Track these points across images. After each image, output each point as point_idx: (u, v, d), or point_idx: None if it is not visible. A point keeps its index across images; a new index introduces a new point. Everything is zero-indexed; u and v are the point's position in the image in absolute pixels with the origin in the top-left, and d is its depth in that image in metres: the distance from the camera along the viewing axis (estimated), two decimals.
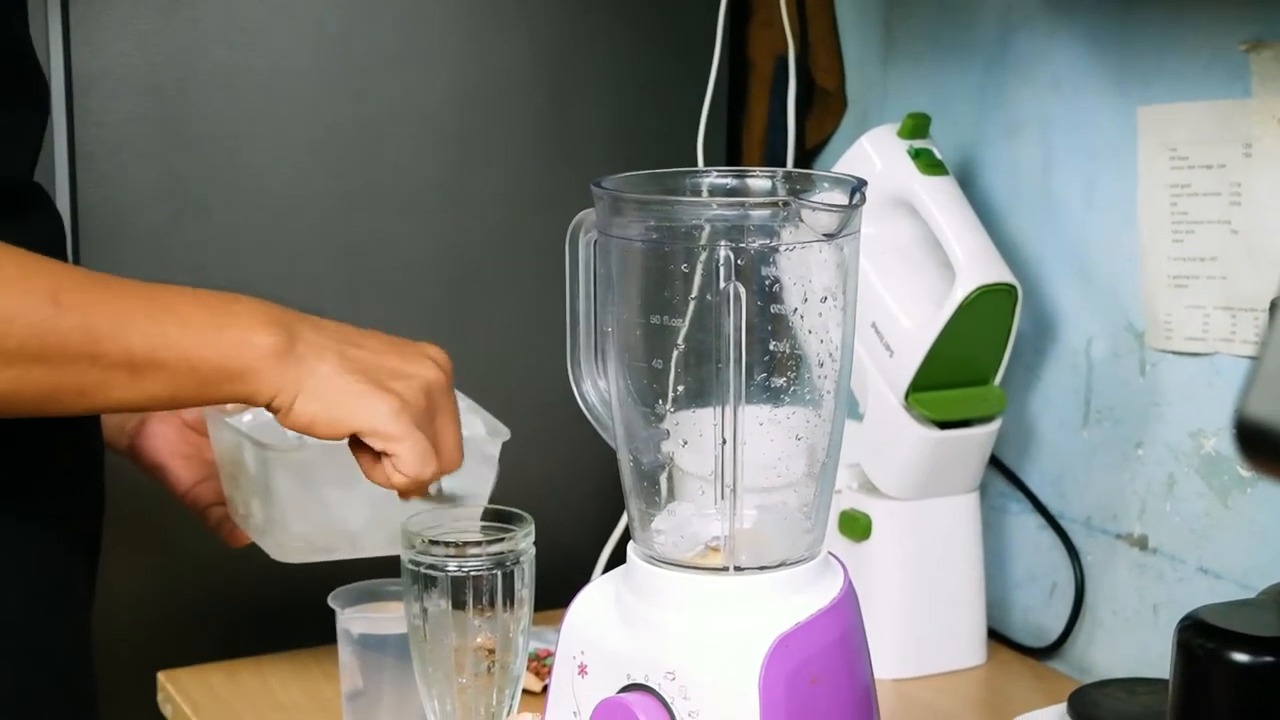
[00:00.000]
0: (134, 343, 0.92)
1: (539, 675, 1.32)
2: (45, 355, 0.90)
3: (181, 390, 0.95)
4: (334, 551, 1.18)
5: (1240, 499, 1.26)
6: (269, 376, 0.96)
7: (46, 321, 0.90)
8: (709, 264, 0.93)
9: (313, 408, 0.98)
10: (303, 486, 1.15)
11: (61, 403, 0.92)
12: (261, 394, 0.97)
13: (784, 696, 0.90)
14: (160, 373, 0.93)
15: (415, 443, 1.01)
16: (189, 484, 1.23)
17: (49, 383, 0.91)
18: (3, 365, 0.89)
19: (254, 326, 0.96)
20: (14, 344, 0.89)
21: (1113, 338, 1.37)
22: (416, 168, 1.52)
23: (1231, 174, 1.23)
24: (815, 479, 0.99)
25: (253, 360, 0.96)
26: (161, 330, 0.93)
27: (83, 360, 0.91)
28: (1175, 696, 0.92)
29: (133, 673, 1.42)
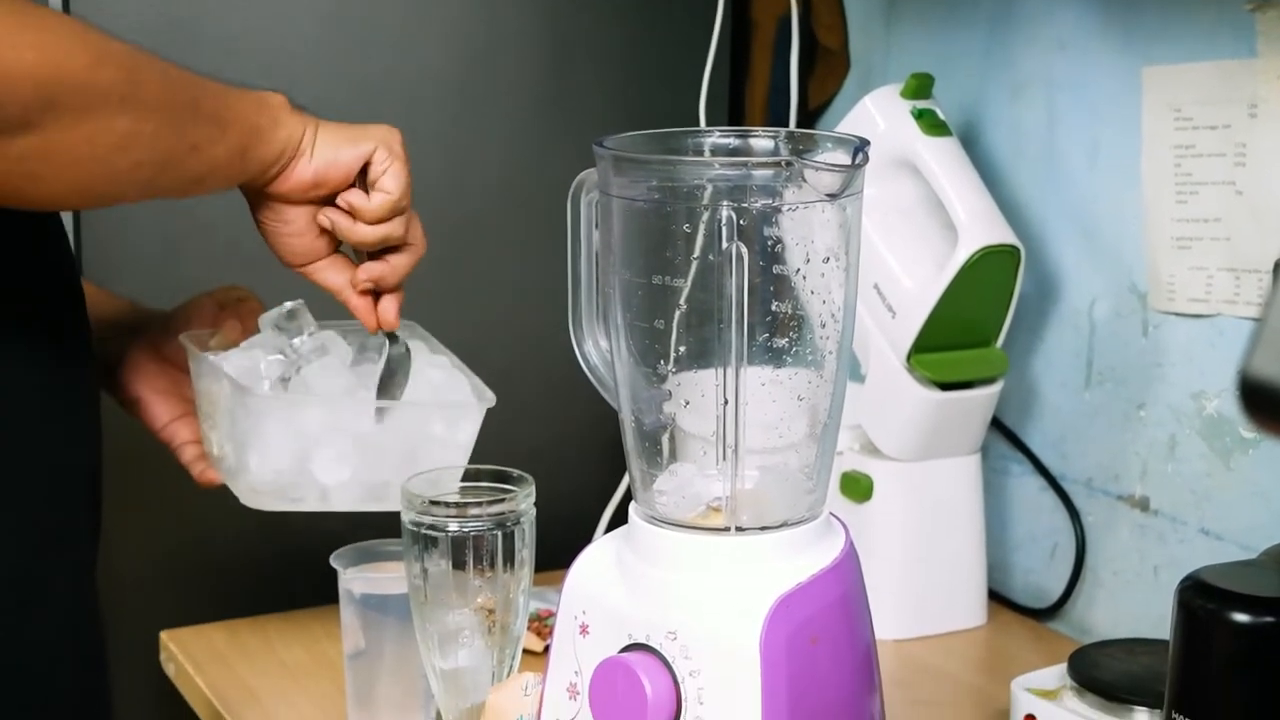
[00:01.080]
0: (214, 94, 1.01)
1: (540, 635, 1.32)
2: (170, 105, 0.96)
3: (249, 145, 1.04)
4: (303, 502, 1.18)
5: (1242, 460, 1.26)
6: (293, 122, 1.06)
7: (160, 69, 0.96)
8: (711, 224, 0.93)
9: (330, 144, 1.08)
10: (278, 433, 1.14)
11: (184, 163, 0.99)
12: (292, 139, 1.06)
13: (785, 656, 0.91)
14: (236, 124, 1.02)
15: (406, 166, 1.11)
16: (166, 419, 1.23)
17: (176, 135, 0.97)
18: (146, 117, 0.94)
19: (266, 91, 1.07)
20: (152, 92, 0.95)
21: (1115, 299, 1.36)
22: (417, 127, 1.51)
23: (1236, 135, 1.23)
24: (817, 440, 0.99)
25: (279, 108, 1.06)
26: (220, 88, 1.02)
27: (189, 111, 0.98)
28: (1175, 657, 0.92)
29: (135, 632, 1.43)
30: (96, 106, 0.91)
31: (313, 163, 1.08)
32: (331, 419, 1.15)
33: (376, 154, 1.10)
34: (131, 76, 0.93)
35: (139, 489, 1.44)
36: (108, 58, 0.92)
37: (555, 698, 0.99)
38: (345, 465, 1.16)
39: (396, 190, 1.11)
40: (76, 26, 0.92)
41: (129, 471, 1.40)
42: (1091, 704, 1.13)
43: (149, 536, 1.47)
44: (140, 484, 1.44)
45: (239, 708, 1.27)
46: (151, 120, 0.95)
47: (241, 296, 1.23)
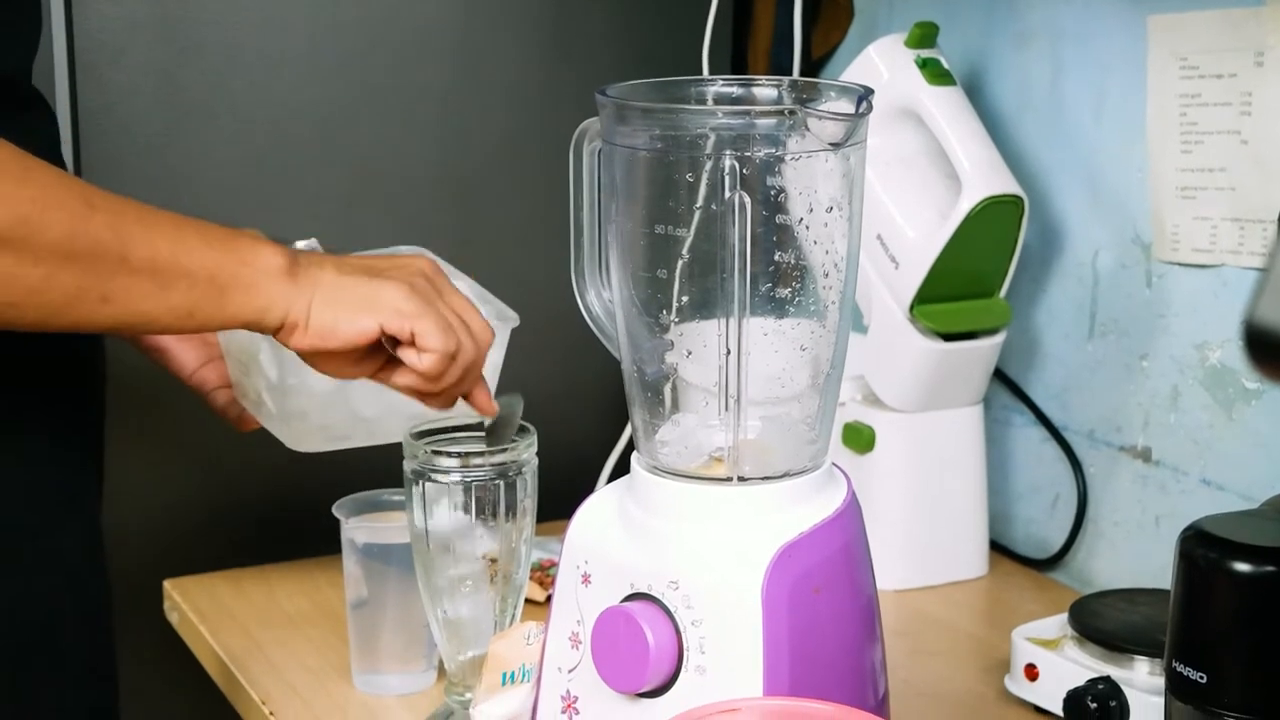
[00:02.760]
0: (160, 248, 0.94)
1: (542, 585, 1.32)
2: (78, 253, 0.90)
3: (200, 305, 0.96)
4: (350, 439, 1.18)
5: (1244, 411, 1.26)
6: (279, 292, 0.98)
7: (80, 219, 0.91)
8: (714, 173, 0.92)
9: (330, 313, 0.99)
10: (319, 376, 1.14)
11: (87, 309, 0.93)
12: (274, 311, 0.98)
13: (787, 606, 0.91)
14: (182, 281, 0.95)
15: (435, 317, 1.02)
16: (194, 367, 1.22)
17: (76, 284, 0.91)
18: (34, 261, 0.89)
19: (261, 242, 0.98)
20: (49, 237, 0.89)
21: (1119, 249, 1.36)
22: (418, 75, 1.51)
23: (1242, 83, 1.22)
24: (819, 390, 0.98)
25: (264, 270, 0.97)
26: (184, 238, 0.95)
27: (112, 261, 0.92)
28: (1176, 606, 0.92)
29: (139, 582, 1.43)
30: None
31: (308, 335, 1.00)
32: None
33: (388, 325, 1.01)
34: (24, 222, 0.88)
35: (142, 438, 1.45)
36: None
37: (557, 647, 1.00)
38: (383, 396, 1.16)
39: (438, 345, 1.02)
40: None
41: (132, 422, 1.40)
42: (1092, 653, 1.14)
43: (153, 485, 1.47)
44: (143, 433, 1.44)
45: (242, 656, 1.27)
46: (40, 267, 0.89)
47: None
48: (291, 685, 1.22)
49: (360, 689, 1.21)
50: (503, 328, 1.19)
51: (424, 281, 1.04)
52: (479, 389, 1.09)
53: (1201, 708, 0.91)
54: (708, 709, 0.85)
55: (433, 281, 1.05)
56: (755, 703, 0.88)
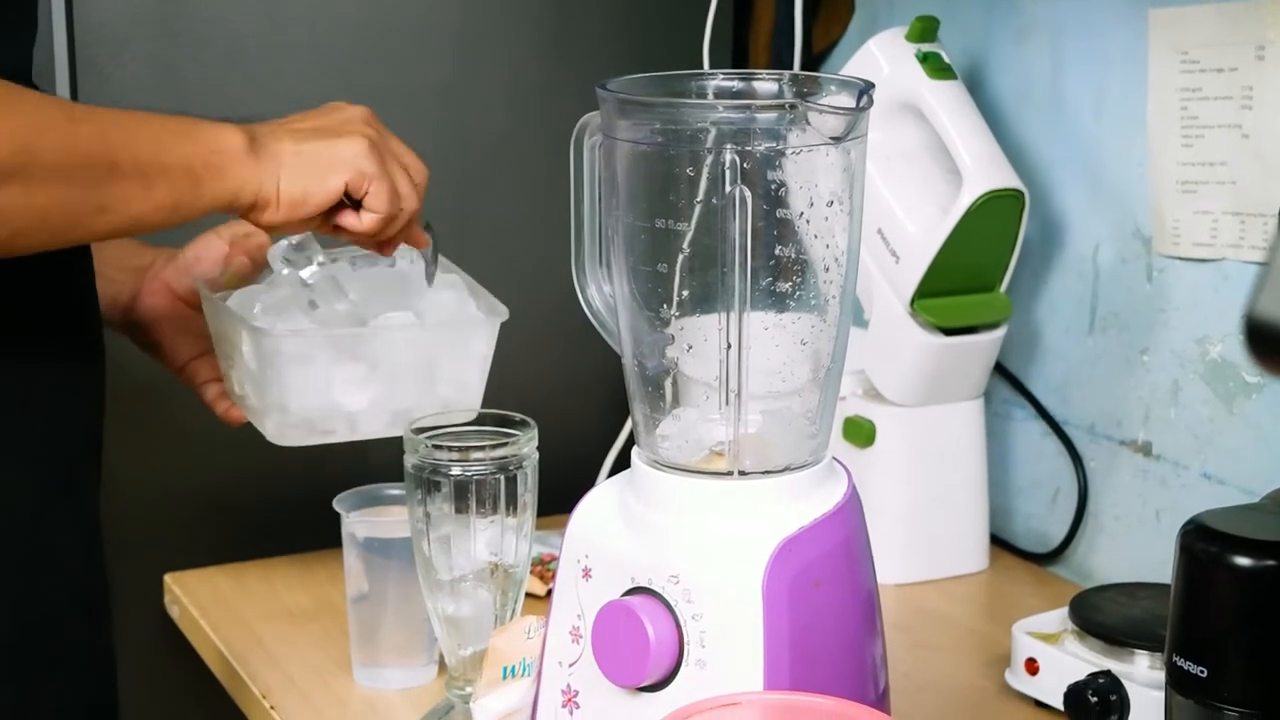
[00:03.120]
0: (141, 148, 0.96)
1: (543, 579, 1.32)
2: (72, 170, 0.92)
3: (182, 197, 0.98)
4: (333, 434, 1.18)
5: (1245, 405, 1.26)
6: (248, 171, 1.01)
7: (67, 136, 0.92)
8: (715, 168, 0.92)
9: (299, 184, 1.03)
10: (300, 369, 1.14)
11: (87, 223, 0.95)
12: (246, 189, 1.01)
13: (787, 600, 0.91)
14: (163, 178, 0.97)
15: (387, 180, 1.06)
16: (184, 359, 1.23)
17: (77, 200, 0.93)
18: (38, 186, 0.91)
19: (219, 126, 1.01)
20: (46, 160, 0.91)
21: (1120, 244, 1.36)
22: (418, 70, 1.51)
23: (1243, 77, 1.22)
24: (820, 385, 0.98)
25: (231, 154, 1.00)
26: (157, 136, 0.97)
27: (103, 170, 0.94)
28: (1177, 600, 0.92)
29: (139, 575, 1.43)
30: None
31: (279, 210, 1.03)
32: (346, 348, 1.16)
33: (351, 183, 1.05)
34: (23, 152, 0.90)
35: (143, 432, 1.45)
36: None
37: (558, 641, 1.00)
38: (366, 391, 1.17)
39: (383, 208, 1.07)
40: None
41: (132, 415, 1.40)
42: (1092, 647, 1.14)
43: (153, 479, 1.47)
44: (144, 427, 1.44)
45: (243, 650, 1.27)
46: (45, 190, 0.91)
47: (248, 231, 1.23)
48: (292, 679, 1.22)
49: (361, 683, 1.22)
50: (491, 321, 1.19)
51: (374, 132, 1.07)
52: (411, 228, 1.13)
53: (1202, 702, 0.91)
54: (708, 703, 0.85)
55: (379, 130, 1.08)
56: (756, 697, 0.89)
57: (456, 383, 1.19)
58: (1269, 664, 0.89)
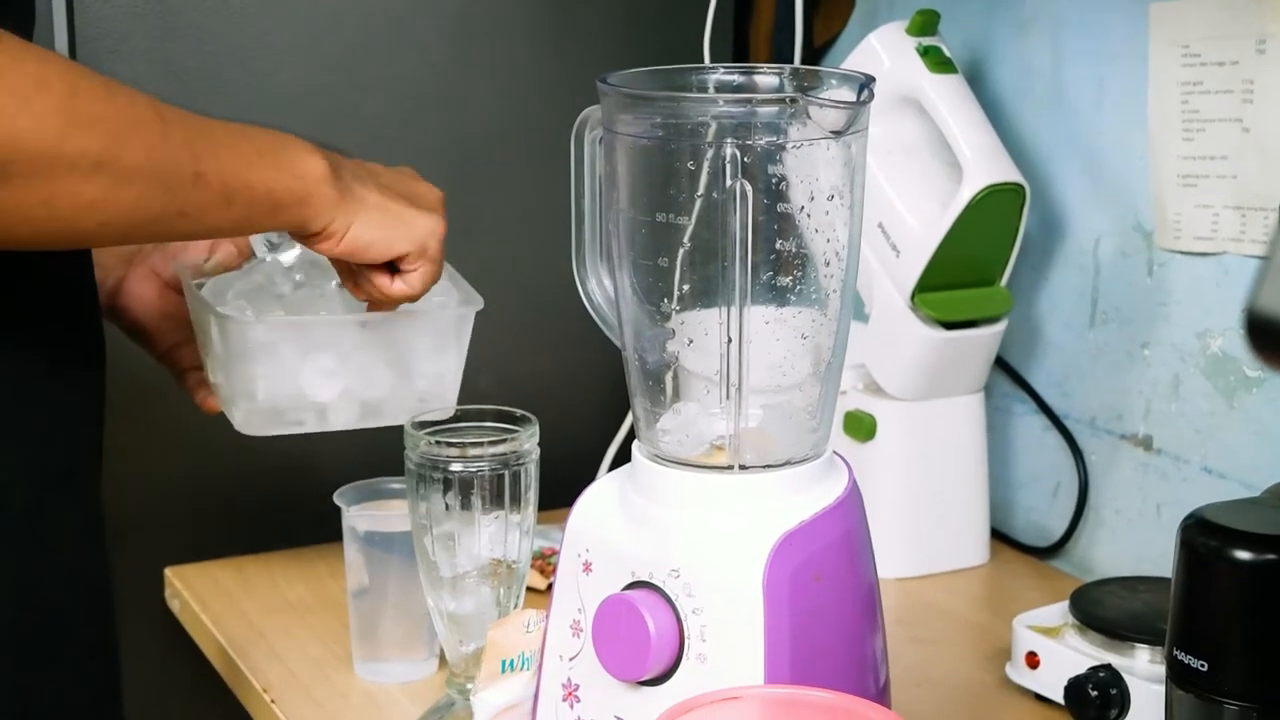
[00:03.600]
0: (225, 164, 0.96)
1: (543, 573, 1.32)
2: (158, 171, 0.92)
3: (256, 216, 0.99)
4: (302, 424, 1.17)
5: (1245, 399, 1.26)
6: (325, 203, 1.01)
7: (158, 136, 0.92)
8: (715, 161, 0.92)
9: (368, 234, 1.04)
10: (267, 357, 1.13)
11: (165, 225, 0.95)
12: (318, 219, 1.02)
13: (788, 594, 0.91)
14: (245, 195, 0.97)
15: (434, 267, 1.09)
16: (167, 346, 1.22)
17: (160, 202, 0.93)
18: (128, 182, 0.90)
19: (306, 150, 1.01)
20: (135, 157, 0.90)
21: (1121, 238, 1.36)
22: (418, 63, 1.51)
23: (1244, 71, 1.22)
24: (820, 379, 0.98)
25: (312, 185, 1.01)
26: (243, 155, 0.97)
27: (187, 180, 0.93)
28: (1177, 594, 0.92)
29: (140, 569, 1.43)
30: (60, 173, 0.87)
31: (340, 245, 1.04)
32: (316, 337, 1.15)
33: (410, 255, 1.07)
34: (114, 145, 0.89)
35: (143, 424, 1.45)
36: (88, 124, 0.88)
37: (558, 635, 1.00)
38: (336, 381, 1.16)
39: (419, 288, 1.09)
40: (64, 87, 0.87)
41: (133, 407, 1.40)
42: (1093, 641, 1.14)
43: (154, 473, 1.47)
44: (145, 419, 1.44)
45: (244, 644, 1.27)
46: (131, 187, 0.91)
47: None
48: (293, 673, 1.23)
49: (362, 677, 1.22)
50: (467, 311, 1.18)
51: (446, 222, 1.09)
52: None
53: (1202, 696, 0.91)
54: (709, 697, 0.85)
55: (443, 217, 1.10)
56: (756, 691, 0.89)
57: (431, 375, 1.17)
58: (1269, 658, 0.89)
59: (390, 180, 1.08)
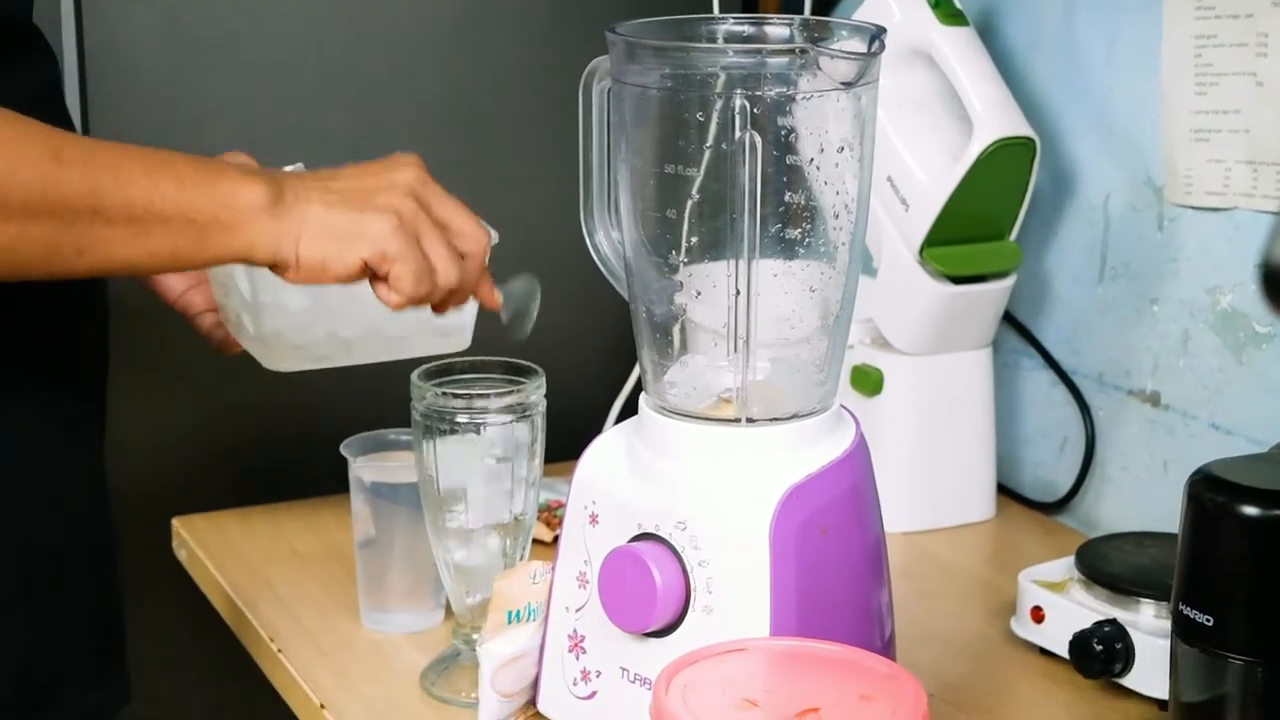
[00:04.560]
0: (134, 196, 0.92)
1: (550, 525, 1.33)
2: (48, 209, 0.89)
3: (181, 247, 0.94)
4: (329, 359, 1.18)
5: (1254, 355, 1.26)
6: (264, 229, 0.96)
7: (49, 175, 0.89)
8: (724, 113, 0.92)
9: (318, 250, 0.97)
10: (294, 294, 1.14)
11: (63, 261, 0.92)
12: (260, 248, 0.96)
13: (794, 546, 0.91)
14: (159, 227, 0.93)
15: (414, 261, 1.00)
16: (180, 290, 1.22)
17: (51, 239, 0.90)
18: (4, 221, 0.88)
19: (242, 179, 0.96)
20: (17, 198, 0.88)
21: (1131, 192, 1.35)
22: (426, 13, 1.50)
23: (1259, 24, 1.21)
24: (828, 333, 0.98)
25: (246, 211, 0.95)
26: (157, 184, 0.93)
27: (85, 214, 0.91)
28: (1184, 549, 0.92)
29: (147, 519, 1.43)
30: None
31: (300, 272, 0.98)
32: None
33: (371, 261, 0.99)
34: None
35: (149, 376, 1.45)
36: None
37: (564, 586, 1.00)
38: (361, 317, 1.16)
39: (407, 290, 0.99)
40: None
41: (139, 358, 1.40)
42: (1098, 596, 1.14)
43: (161, 424, 1.47)
44: (151, 371, 1.44)
45: (250, 594, 1.28)
46: (11, 227, 0.88)
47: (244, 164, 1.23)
48: (300, 623, 1.23)
49: (368, 627, 1.22)
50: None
51: (412, 205, 1.01)
52: (482, 286, 1.06)
53: (1208, 650, 0.91)
54: (715, 649, 0.86)
55: (421, 199, 1.02)
56: (762, 643, 0.89)
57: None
58: (1275, 613, 0.89)
59: (345, 183, 1.01)
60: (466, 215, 1.03)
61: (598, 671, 0.99)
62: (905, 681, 0.83)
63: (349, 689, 1.13)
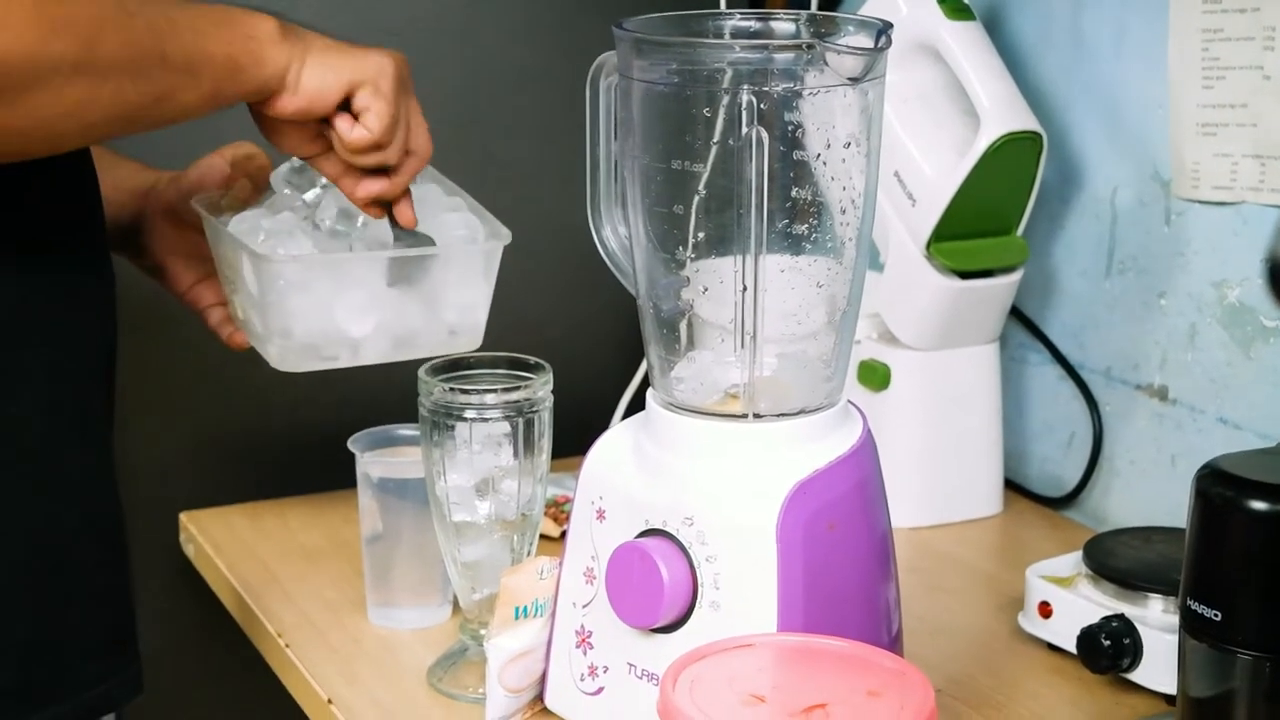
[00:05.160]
0: (186, 41, 0.98)
1: (557, 521, 1.33)
2: (131, 62, 0.94)
3: (222, 85, 1.01)
4: (336, 359, 1.18)
5: (1262, 349, 1.26)
6: (277, 55, 1.03)
7: (125, 29, 0.94)
8: (731, 108, 0.92)
9: (317, 75, 1.05)
10: (303, 295, 1.14)
11: (146, 113, 0.97)
12: (274, 75, 1.03)
13: (801, 542, 0.91)
14: (209, 66, 0.99)
15: (393, 110, 1.08)
16: (188, 284, 1.23)
17: (138, 92, 0.95)
18: (105, 80, 0.92)
19: (255, 15, 1.03)
20: (109, 53, 0.92)
21: (1138, 186, 1.35)
22: (434, 8, 1.50)
23: (1266, 18, 1.21)
24: (835, 328, 0.98)
25: (265, 40, 1.02)
26: (200, 29, 0.99)
27: (155, 64, 0.96)
28: (1192, 544, 0.92)
29: (155, 514, 1.44)
30: (44, 80, 0.90)
31: (297, 96, 1.05)
32: (349, 273, 1.15)
33: (360, 91, 1.07)
34: (88, 43, 0.91)
35: (158, 372, 1.45)
36: (62, 27, 0.90)
37: (572, 582, 1.00)
38: (369, 316, 1.16)
39: (376, 130, 1.08)
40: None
41: (148, 353, 1.41)
42: (1106, 591, 1.14)
43: (169, 419, 1.47)
44: (160, 366, 1.44)
45: (258, 589, 1.28)
46: (109, 83, 0.93)
47: (250, 153, 1.23)
48: (307, 618, 1.23)
49: (375, 622, 1.22)
50: (495, 245, 1.19)
51: (403, 71, 1.09)
52: (403, 202, 1.14)
53: (1216, 645, 0.91)
54: (722, 644, 0.86)
55: (405, 77, 1.10)
56: (769, 639, 0.89)
57: (461, 307, 1.19)
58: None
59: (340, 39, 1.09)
60: (424, 124, 1.13)
61: (605, 667, 0.99)
62: (913, 677, 0.83)
63: (356, 684, 1.13)
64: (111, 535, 1.09)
